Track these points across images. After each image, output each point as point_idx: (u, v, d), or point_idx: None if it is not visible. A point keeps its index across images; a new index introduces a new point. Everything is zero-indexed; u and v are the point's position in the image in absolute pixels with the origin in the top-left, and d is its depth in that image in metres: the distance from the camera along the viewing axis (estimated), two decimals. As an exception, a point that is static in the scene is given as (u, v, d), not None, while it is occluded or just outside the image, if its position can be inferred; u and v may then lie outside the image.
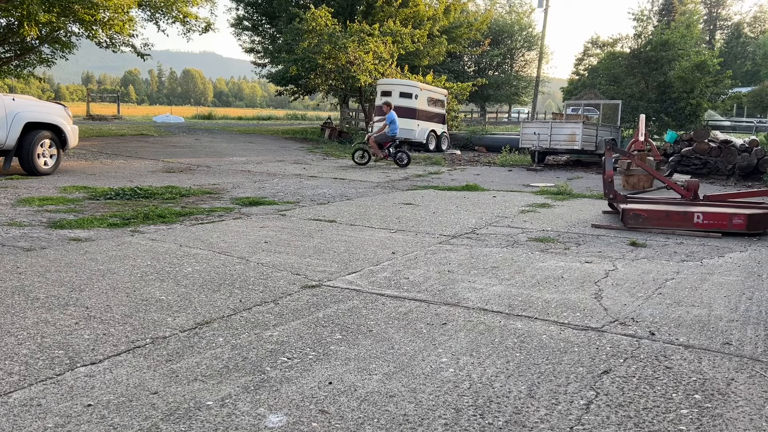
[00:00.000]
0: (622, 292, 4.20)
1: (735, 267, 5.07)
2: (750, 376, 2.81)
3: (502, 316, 3.62)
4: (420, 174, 13.21)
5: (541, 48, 40.02)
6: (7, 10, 15.30)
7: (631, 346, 3.17)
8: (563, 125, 16.67)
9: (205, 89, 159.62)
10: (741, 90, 33.80)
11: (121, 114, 37.65)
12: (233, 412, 2.36)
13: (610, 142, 8.44)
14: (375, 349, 3.05)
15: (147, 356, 2.88)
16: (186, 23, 20.04)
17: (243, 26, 31.30)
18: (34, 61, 20.06)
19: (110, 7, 15.34)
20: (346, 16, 26.13)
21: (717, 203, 7.50)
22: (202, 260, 4.78)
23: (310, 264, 4.79)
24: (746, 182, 12.56)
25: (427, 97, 21.05)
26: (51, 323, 3.27)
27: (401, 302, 3.86)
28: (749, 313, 3.77)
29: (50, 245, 5.14)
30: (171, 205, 7.55)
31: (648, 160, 12.12)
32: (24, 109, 10.03)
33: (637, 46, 25.18)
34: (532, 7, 48.54)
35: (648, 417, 2.41)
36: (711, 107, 24.52)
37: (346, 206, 8.10)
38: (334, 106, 36.09)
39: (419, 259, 5.09)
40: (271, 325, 3.37)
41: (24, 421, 2.25)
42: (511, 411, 2.43)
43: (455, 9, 31.02)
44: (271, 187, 10.03)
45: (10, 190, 8.41)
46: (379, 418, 2.35)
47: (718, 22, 60.57)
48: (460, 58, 41.93)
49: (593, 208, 8.51)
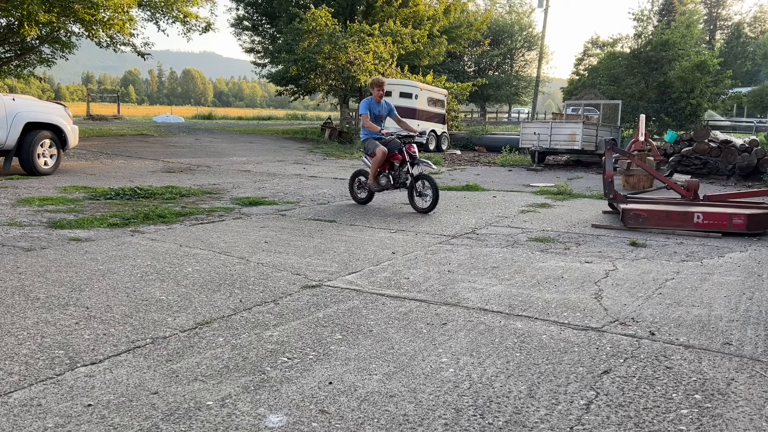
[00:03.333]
0: (622, 292, 4.20)
1: (735, 267, 5.07)
2: (750, 376, 2.81)
3: (502, 316, 3.62)
4: (420, 174, 13.19)
5: (541, 48, 40.01)
6: (7, 10, 15.30)
7: (631, 346, 3.17)
8: (563, 125, 16.67)
9: (205, 89, 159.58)
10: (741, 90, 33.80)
11: (121, 114, 37.66)
12: (233, 412, 2.36)
13: (610, 142, 8.44)
14: (375, 349, 3.05)
15: (147, 356, 2.88)
16: (186, 23, 20.02)
17: (243, 26, 31.29)
18: (34, 61, 20.04)
19: (110, 7, 15.33)
20: (346, 16, 26.13)
21: (717, 203, 7.50)
22: (202, 260, 4.78)
23: (310, 264, 4.79)
24: (746, 182, 12.56)
25: (427, 97, 21.06)
26: (51, 323, 3.27)
27: (401, 302, 3.86)
28: (749, 313, 3.77)
29: (50, 245, 5.14)
30: (171, 205, 7.55)
31: (648, 160, 12.12)
32: (24, 109, 10.03)
33: (637, 46, 25.19)
34: (532, 7, 48.57)
35: (648, 417, 2.41)
36: (711, 107, 24.52)
37: (346, 206, 8.10)
38: (334, 106, 36.05)
39: (419, 259, 5.09)
40: (271, 325, 3.37)
41: (24, 421, 2.25)
42: (511, 411, 2.43)
43: (455, 9, 31.02)
44: (271, 187, 10.03)
45: (10, 190, 8.40)
46: (379, 418, 2.35)
47: (718, 22, 60.55)
48: (460, 58, 41.91)
49: (593, 208, 8.51)
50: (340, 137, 23.01)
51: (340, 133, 23.57)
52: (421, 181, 7.60)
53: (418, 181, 7.62)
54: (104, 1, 14.89)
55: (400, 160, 7.77)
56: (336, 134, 23.40)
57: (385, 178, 7.94)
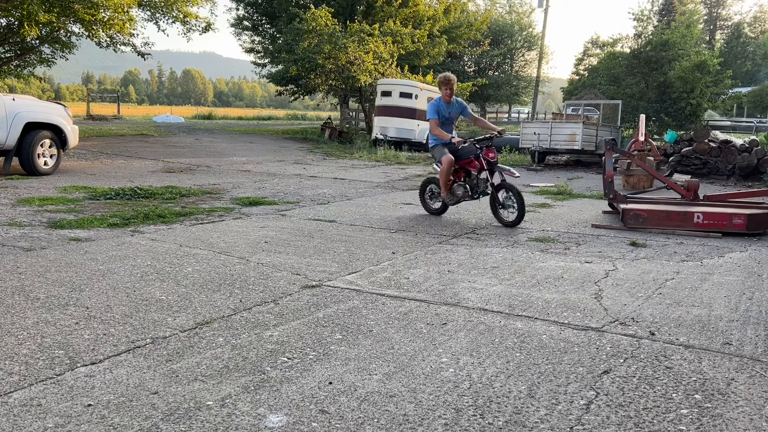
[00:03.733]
0: (622, 292, 4.20)
1: (735, 267, 5.07)
2: (750, 376, 2.81)
3: (502, 316, 3.62)
4: (420, 174, 13.20)
5: (541, 48, 40.01)
6: (7, 10, 15.30)
7: (631, 346, 3.17)
8: (563, 125, 16.67)
9: (205, 89, 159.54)
10: (741, 90, 33.80)
11: (121, 114, 37.63)
12: (233, 412, 2.36)
13: (610, 142, 8.44)
14: (375, 349, 3.05)
15: (147, 356, 2.88)
16: (186, 23, 20.02)
17: (243, 26, 31.29)
18: (34, 61, 20.04)
19: (110, 7, 15.32)
20: (346, 16, 26.12)
21: (717, 203, 7.50)
22: (202, 260, 4.78)
23: (310, 264, 4.79)
24: (746, 182, 12.55)
25: (427, 97, 21.01)
26: (51, 323, 3.27)
27: (401, 302, 3.86)
28: (749, 313, 3.77)
29: (50, 245, 5.14)
30: (171, 205, 7.55)
31: (648, 160, 12.12)
32: (24, 109, 10.03)
33: (637, 46, 25.21)
34: (532, 7, 48.61)
35: (648, 417, 2.41)
36: (711, 107, 24.53)
37: (347, 206, 8.09)
38: (334, 106, 36.07)
39: (419, 259, 5.09)
40: (271, 325, 3.37)
41: (24, 421, 2.25)
42: (511, 411, 2.43)
43: (455, 9, 31.00)
44: (271, 187, 10.03)
45: (10, 190, 8.40)
46: (379, 418, 2.35)
47: (718, 22, 60.54)
48: (460, 58, 41.91)
49: (593, 208, 8.51)
50: (340, 137, 23.02)
51: (340, 133, 23.57)
52: (504, 191, 6.76)
53: (500, 191, 6.78)
54: (104, 1, 14.88)
55: (477, 168, 6.92)
56: (336, 134, 23.41)
57: (461, 188, 7.04)
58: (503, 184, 6.76)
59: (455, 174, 7.09)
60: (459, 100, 7.44)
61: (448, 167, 6.96)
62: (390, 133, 20.04)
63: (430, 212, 7.53)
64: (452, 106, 7.36)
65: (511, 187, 6.74)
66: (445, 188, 7.07)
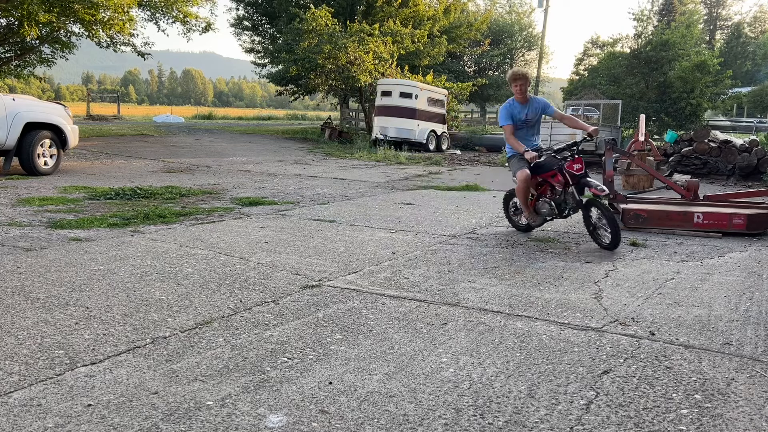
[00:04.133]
0: (622, 292, 4.20)
1: (735, 267, 5.07)
2: (750, 376, 2.81)
3: (502, 316, 3.62)
4: (420, 174, 13.20)
5: (541, 48, 40.05)
6: (7, 10, 15.30)
7: (631, 346, 3.17)
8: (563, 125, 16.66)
9: (205, 89, 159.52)
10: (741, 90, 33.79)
11: (121, 114, 37.65)
12: (233, 412, 2.36)
13: (610, 142, 8.43)
14: (375, 349, 3.05)
15: (147, 356, 2.88)
16: (186, 23, 20.02)
17: (243, 26, 31.31)
18: (34, 61, 20.04)
19: (110, 7, 15.32)
20: (346, 16, 26.13)
21: (717, 203, 7.50)
22: (202, 260, 4.78)
23: (310, 264, 4.79)
24: (746, 182, 12.55)
25: (427, 97, 21.04)
26: (51, 323, 3.27)
27: (401, 302, 3.86)
28: (749, 313, 3.77)
29: (50, 245, 5.14)
30: (171, 205, 7.55)
31: (648, 160, 12.11)
32: (24, 109, 10.03)
33: (637, 46, 25.21)
34: (532, 7, 48.53)
35: (648, 417, 2.41)
36: (711, 107, 24.54)
37: (346, 206, 8.09)
38: (334, 106, 36.07)
39: (419, 259, 5.09)
40: (271, 325, 3.37)
41: (24, 421, 2.25)
42: (511, 411, 2.43)
43: (455, 9, 31.01)
44: (271, 187, 10.03)
45: (10, 190, 8.40)
46: (379, 418, 2.35)
47: (718, 22, 60.52)
48: (460, 58, 41.89)
49: (593, 208, 8.50)
50: (340, 137, 23.02)
51: (340, 133, 23.58)
52: (595, 209, 5.67)
53: (590, 209, 5.70)
54: (104, 1, 14.88)
55: (562, 182, 5.79)
56: (336, 134, 23.41)
57: (546, 206, 5.99)
58: (593, 201, 5.72)
59: (541, 187, 6.03)
60: (538, 98, 6.37)
61: (524, 185, 5.86)
62: (390, 133, 20.04)
63: (518, 228, 6.53)
64: (529, 107, 6.17)
65: (599, 205, 5.70)
66: (526, 207, 6.03)
